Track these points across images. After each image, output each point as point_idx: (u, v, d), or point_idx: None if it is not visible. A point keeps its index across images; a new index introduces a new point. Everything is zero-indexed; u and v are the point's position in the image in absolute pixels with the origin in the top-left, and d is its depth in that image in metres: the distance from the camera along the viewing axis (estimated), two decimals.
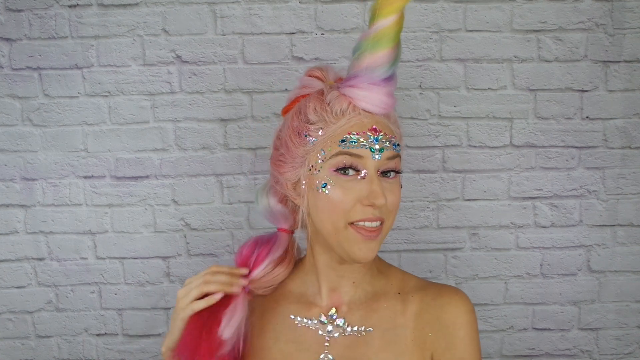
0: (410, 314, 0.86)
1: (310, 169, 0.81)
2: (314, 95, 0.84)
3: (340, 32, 1.37)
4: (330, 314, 0.87)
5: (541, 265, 1.43)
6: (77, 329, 1.44)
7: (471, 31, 1.37)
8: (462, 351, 0.84)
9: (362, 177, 0.78)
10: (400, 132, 0.84)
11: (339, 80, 0.87)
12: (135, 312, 1.43)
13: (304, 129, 0.81)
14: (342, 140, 0.78)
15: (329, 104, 0.80)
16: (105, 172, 1.40)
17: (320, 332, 0.86)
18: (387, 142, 0.79)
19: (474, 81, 1.38)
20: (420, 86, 1.38)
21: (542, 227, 1.42)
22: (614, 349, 1.45)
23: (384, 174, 0.80)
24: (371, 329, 0.85)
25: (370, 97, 0.79)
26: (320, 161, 0.79)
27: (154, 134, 1.39)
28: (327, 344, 0.85)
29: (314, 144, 0.80)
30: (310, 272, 0.90)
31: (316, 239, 0.86)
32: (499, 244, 1.43)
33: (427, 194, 1.41)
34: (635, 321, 1.45)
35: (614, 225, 1.42)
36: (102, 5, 1.35)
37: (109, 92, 1.38)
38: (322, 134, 0.79)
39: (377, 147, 0.78)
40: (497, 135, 1.40)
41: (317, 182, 0.79)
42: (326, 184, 0.79)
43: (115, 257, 1.42)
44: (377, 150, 0.78)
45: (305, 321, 0.88)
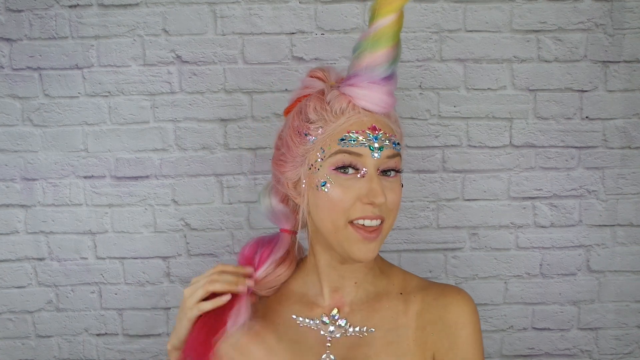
0: (412, 313, 0.86)
1: (310, 167, 0.81)
2: (315, 95, 0.84)
3: (340, 32, 1.37)
4: (332, 314, 0.87)
5: (541, 265, 1.43)
6: (78, 329, 1.44)
7: (471, 31, 1.37)
8: (465, 351, 0.83)
9: (362, 176, 0.78)
10: (401, 132, 0.84)
11: (340, 80, 0.87)
12: (135, 312, 1.43)
13: (304, 128, 0.81)
14: (342, 138, 0.78)
15: (329, 103, 0.80)
16: (105, 172, 1.40)
17: (322, 333, 0.86)
18: (387, 141, 0.79)
19: (473, 81, 1.38)
20: (420, 86, 1.39)
21: (542, 227, 1.42)
22: (613, 348, 1.45)
23: (384, 172, 0.80)
24: (373, 329, 0.85)
25: (370, 95, 0.79)
26: (319, 160, 0.79)
27: (154, 134, 1.39)
28: (329, 345, 0.85)
29: (313, 142, 0.80)
30: (311, 272, 0.90)
31: (317, 238, 0.86)
32: (498, 244, 1.43)
33: (427, 194, 1.41)
34: (634, 321, 1.45)
35: (613, 225, 1.42)
36: (102, 5, 1.35)
37: (109, 92, 1.38)
38: (321, 133, 0.80)
39: (376, 145, 0.78)
40: (497, 135, 1.40)
41: (317, 180, 0.79)
42: (325, 183, 0.79)
43: (115, 257, 1.42)
44: (377, 148, 0.78)
45: (307, 321, 0.87)
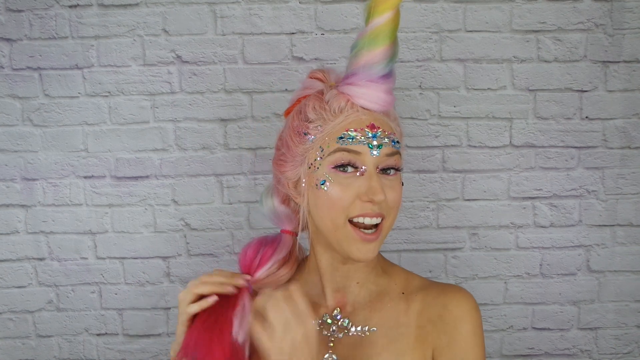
0: (413, 312, 0.85)
1: (309, 167, 0.81)
2: (314, 94, 0.84)
3: (340, 32, 1.37)
4: (334, 314, 0.87)
5: (541, 265, 1.43)
6: (78, 329, 1.44)
7: (471, 31, 1.37)
8: (464, 348, 0.81)
9: (361, 174, 0.78)
10: (400, 130, 0.84)
11: (340, 80, 0.87)
12: (135, 312, 1.43)
13: (303, 128, 0.81)
14: (340, 137, 0.78)
15: (328, 102, 0.80)
16: (105, 172, 1.40)
17: (324, 333, 0.86)
18: (386, 139, 0.79)
19: (473, 81, 1.39)
20: (420, 86, 1.39)
21: (542, 227, 1.42)
22: (613, 348, 1.45)
23: (384, 171, 0.80)
24: (375, 328, 0.85)
25: (368, 94, 0.79)
26: (319, 159, 0.80)
27: (154, 134, 1.39)
28: (331, 344, 0.85)
29: (313, 142, 0.81)
30: (313, 272, 0.90)
31: (317, 239, 0.86)
32: (498, 244, 1.43)
33: (427, 194, 1.41)
34: (634, 321, 1.45)
35: (613, 225, 1.42)
36: (102, 5, 1.36)
37: (109, 92, 1.38)
38: (320, 132, 0.80)
39: (375, 143, 0.78)
40: (497, 135, 1.40)
41: (317, 179, 0.79)
42: (325, 181, 0.79)
43: (115, 257, 1.42)
44: (375, 146, 0.78)
45: None
